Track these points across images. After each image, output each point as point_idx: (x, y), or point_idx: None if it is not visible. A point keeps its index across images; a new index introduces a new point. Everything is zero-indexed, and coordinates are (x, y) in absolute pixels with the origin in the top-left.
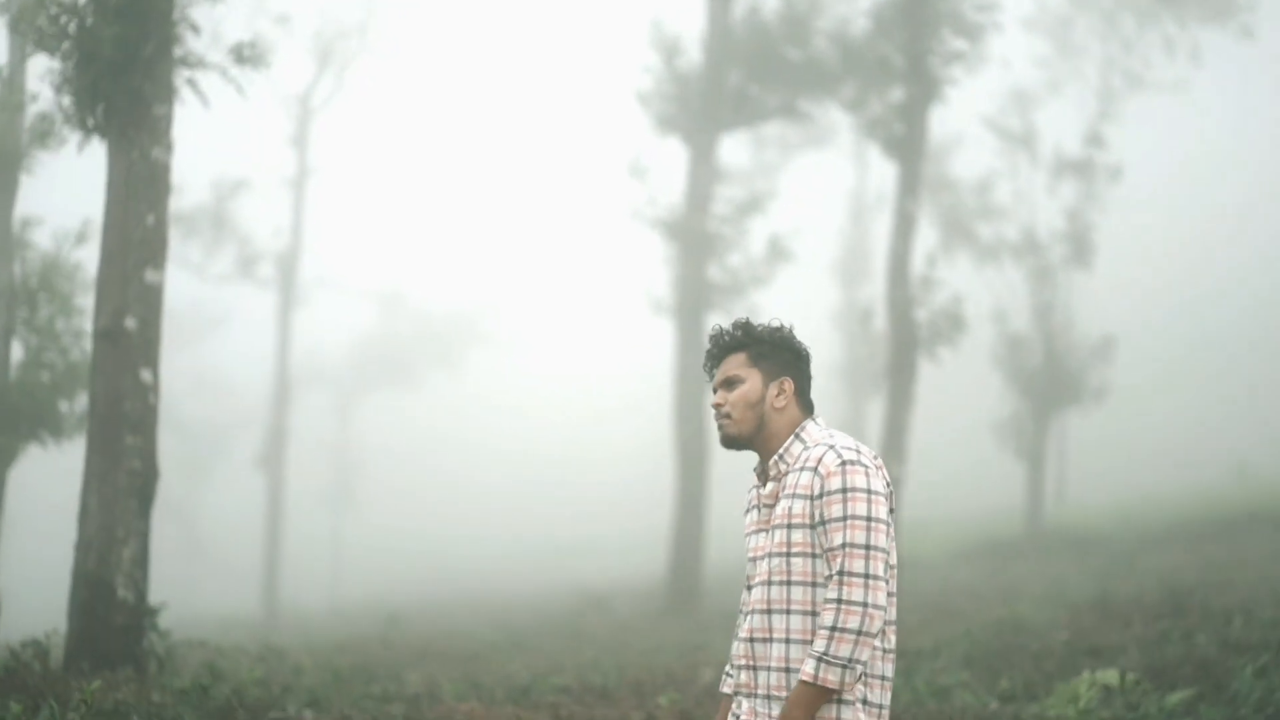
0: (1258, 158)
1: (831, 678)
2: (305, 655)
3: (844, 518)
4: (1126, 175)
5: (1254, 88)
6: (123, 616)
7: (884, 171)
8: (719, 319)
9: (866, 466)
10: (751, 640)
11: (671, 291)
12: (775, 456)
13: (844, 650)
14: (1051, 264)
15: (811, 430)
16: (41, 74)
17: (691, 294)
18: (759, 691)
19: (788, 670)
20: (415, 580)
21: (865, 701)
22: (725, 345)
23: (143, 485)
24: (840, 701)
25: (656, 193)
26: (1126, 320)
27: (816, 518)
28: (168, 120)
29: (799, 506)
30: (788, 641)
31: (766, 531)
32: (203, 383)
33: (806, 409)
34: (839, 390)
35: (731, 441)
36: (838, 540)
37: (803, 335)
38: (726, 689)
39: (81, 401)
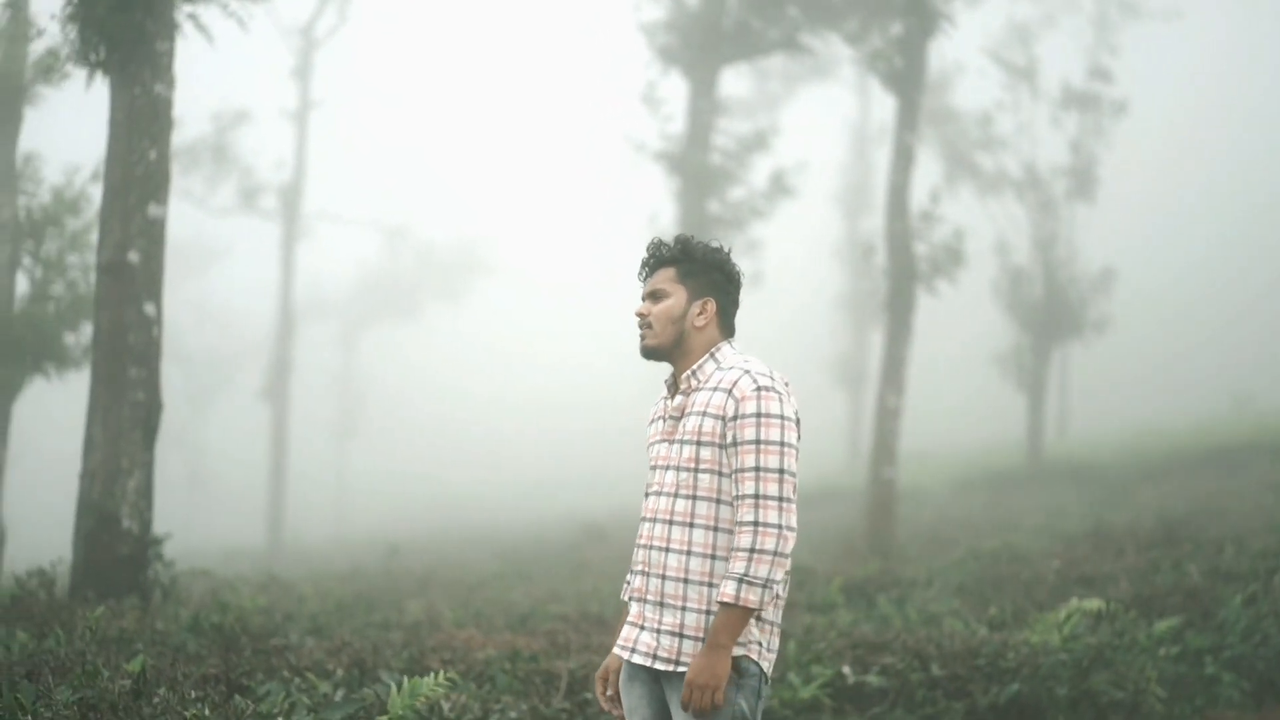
0: (1255, 84)
1: (752, 598)
2: (308, 585)
3: (757, 441)
4: (1129, 107)
5: (1248, 13)
6: (127, 546)
7: (886, 104)
8: None
9: (780, 393)
10: (650, 547)
11: (673, 225)
12: (688, 373)
13: (763, 570)
14: (1054, 196)
15: (726, 352)
16: (47, 10)
17: (693, 228)
18: (649, 597)
19: (686, 581)
20: (417, 511)
21: (760, 618)
22: (658, 258)
23: (147, 417)
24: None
25: (662, 126)
26: (1127, 252)
27: (729, 439)
28: (169, 56)
29: (709, 425)
30: (688, 553)
31: (671, 443)
32: (207, 315)
33: (727, 331)
34: (841, 322)
35: (649, 352)
36: (750, 463)
37: (804, 267)
38: (626, 595)
39: (86, 333)
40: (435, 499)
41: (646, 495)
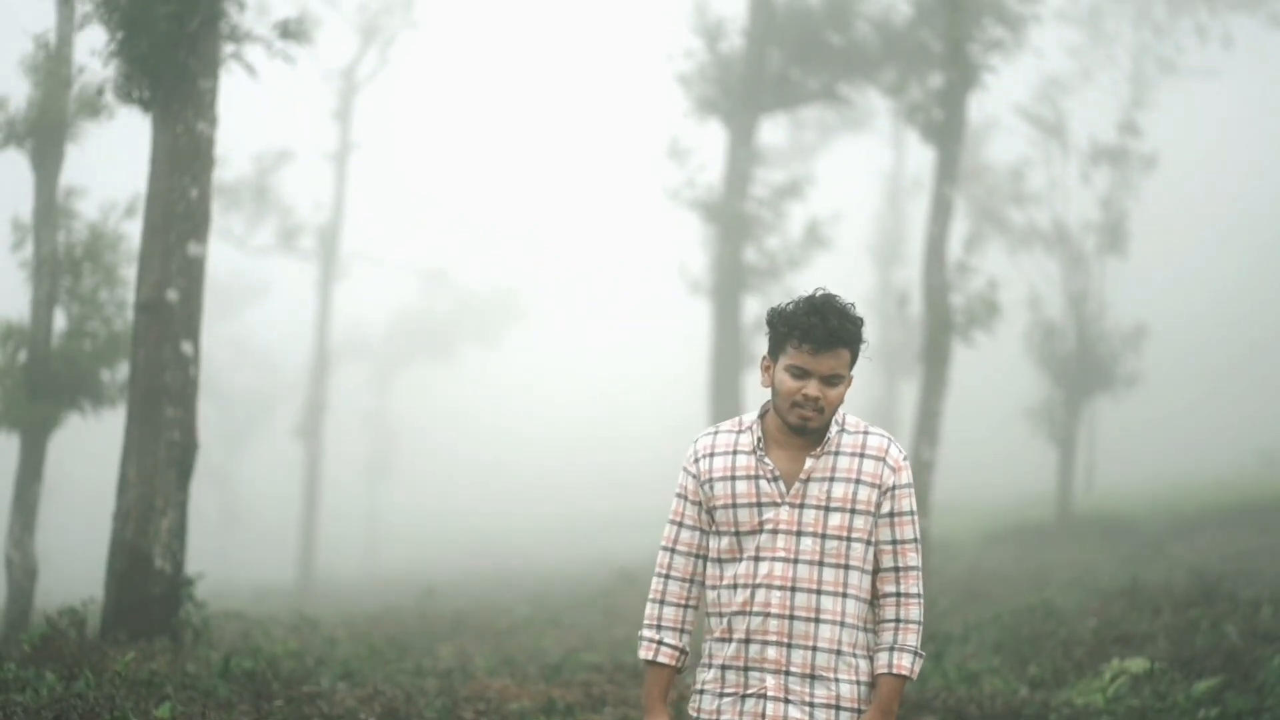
0: None
1: (918, 669)
2: (339, 627)
3: (913, 513)
4: (1159, 162)
5: None
6: (160, 587)
7: (919, 155)
8: (755, 301)
9: None
10: (791, 617)
11: (709, 273)
12: (825, 438)
13: (919, 642)
14: (1085, 252)
15: (846, 415)
16: (89, 46)
17: (728, 276)
18: (794, 669)
19: (839, 653)
20: (449, 553)
21: None
22: (842, 339)
23: (182, 456)
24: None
25: (695, 174)
26: (1158, 306)
27: (883, 508)
28: (213, 94)
29: (865, 493)
30: (841, 624)
31: (799, 507)
32: (243, 353)
33: None
34: (872, 372)
35: (810, 434)
36: (910, 534)
37: None
38: (665, 659)
39: (122, 371)
40: (466, 540)
41: (758, 559)
